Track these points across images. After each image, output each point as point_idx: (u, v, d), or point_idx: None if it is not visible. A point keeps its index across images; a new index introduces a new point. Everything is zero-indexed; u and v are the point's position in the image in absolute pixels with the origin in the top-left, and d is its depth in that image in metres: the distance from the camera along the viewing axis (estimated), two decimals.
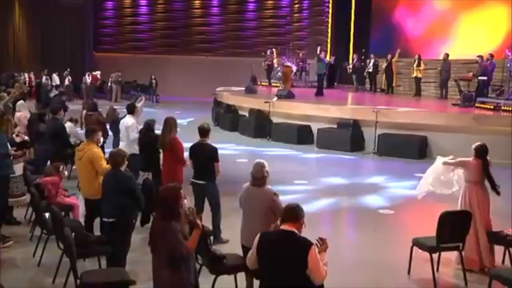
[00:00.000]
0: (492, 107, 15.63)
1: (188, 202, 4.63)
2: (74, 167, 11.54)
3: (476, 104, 16.12)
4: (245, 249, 5.78)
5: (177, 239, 4.23)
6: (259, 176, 5.68)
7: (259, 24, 32.95)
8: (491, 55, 17.07)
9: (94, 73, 29.86)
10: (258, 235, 4.21)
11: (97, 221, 7.04)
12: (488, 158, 6.93)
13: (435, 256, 6.59)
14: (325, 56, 21.95)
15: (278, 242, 4.09)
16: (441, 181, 7.24)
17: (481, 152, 6.90)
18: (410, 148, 14.50)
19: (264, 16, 33.02)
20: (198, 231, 4.47)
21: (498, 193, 6.89)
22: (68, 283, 5.84)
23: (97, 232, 6.75)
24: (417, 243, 6.65)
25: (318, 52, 20.56)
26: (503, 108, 15.18)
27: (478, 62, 17.18)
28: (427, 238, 6.63)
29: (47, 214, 7.30)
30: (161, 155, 8.64)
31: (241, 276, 5.92)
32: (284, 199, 5.64)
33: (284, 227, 4.11)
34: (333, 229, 9.17)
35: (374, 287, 6.55)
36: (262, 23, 32.90)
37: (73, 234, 5.92)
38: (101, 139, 7.97)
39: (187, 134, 8.21)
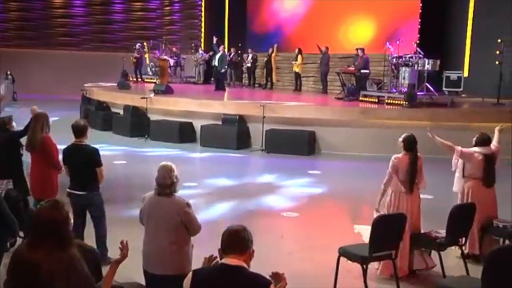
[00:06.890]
0: (376, 100, 15.49)
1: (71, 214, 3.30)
2: None
3: (360, 98, 15.92)
4: (148, 276, 4.59)
5: (90, 282, 2.97)
6: (167, 183, 4.48)
7: (127, 17, 30.87)
8: (362, 49, 16.93)
9: None
10: (190, 274, 2.96)
11: None
12: (418, 153, 6.17)
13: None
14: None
15: (221, 282, 2.90)
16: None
17: (409, 143, 6.11)
18: (299, 144, 13.91)
19: (132, 8, 30.93)
20: (116, 265, 3.29)
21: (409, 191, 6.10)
22: None
23: None
24: (345, 252, 5.71)
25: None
26: (386, 101, 15.09)
27: (359, 55, 17.01)
28: (356, 247, 5.78)
29: None
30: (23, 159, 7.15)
31: None
32: None
33: (228, 261, 2.94)
34: None
35: None
36: (130, 16, 30.83)
37: None
38: None
39: (52, 136, 6.75)
